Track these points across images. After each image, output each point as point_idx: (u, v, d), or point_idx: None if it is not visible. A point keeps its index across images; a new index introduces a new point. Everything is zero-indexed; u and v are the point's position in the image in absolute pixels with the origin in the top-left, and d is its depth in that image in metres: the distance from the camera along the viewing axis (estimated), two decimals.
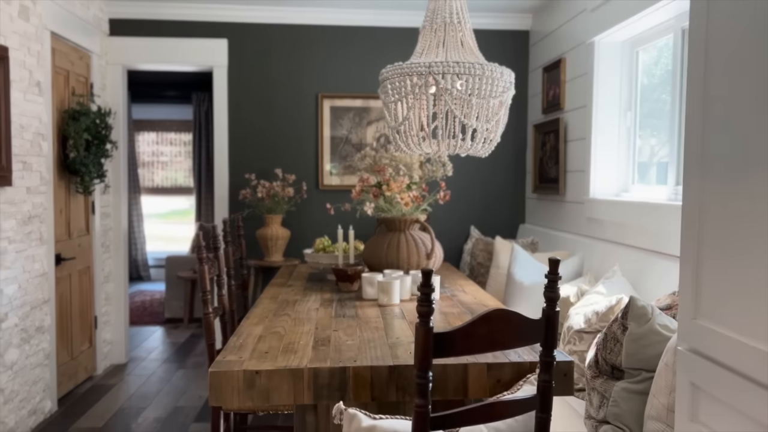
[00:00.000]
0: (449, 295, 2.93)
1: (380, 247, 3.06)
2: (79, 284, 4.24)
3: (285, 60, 4.78)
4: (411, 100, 2.78)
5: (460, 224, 4.97)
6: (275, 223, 4.48)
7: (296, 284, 3.23)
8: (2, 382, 3.17)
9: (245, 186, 4.67)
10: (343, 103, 4.79)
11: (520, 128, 4.98)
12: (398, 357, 1.92)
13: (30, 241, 3.47)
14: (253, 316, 2.51)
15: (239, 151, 4.78)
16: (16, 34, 3.31)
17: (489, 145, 2.91)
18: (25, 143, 3.42)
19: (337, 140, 4.80)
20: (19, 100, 3.34)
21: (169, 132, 9.11)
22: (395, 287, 2.67)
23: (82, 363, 4.29)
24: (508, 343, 1.57)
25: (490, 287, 4.02)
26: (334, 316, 2.48)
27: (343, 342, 2.09)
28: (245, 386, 1.82)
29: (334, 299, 2.82)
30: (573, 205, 4.02)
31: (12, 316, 3.27)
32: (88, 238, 4.38)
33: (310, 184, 4.79)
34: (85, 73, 4.31)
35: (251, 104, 4.78)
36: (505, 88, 2.84)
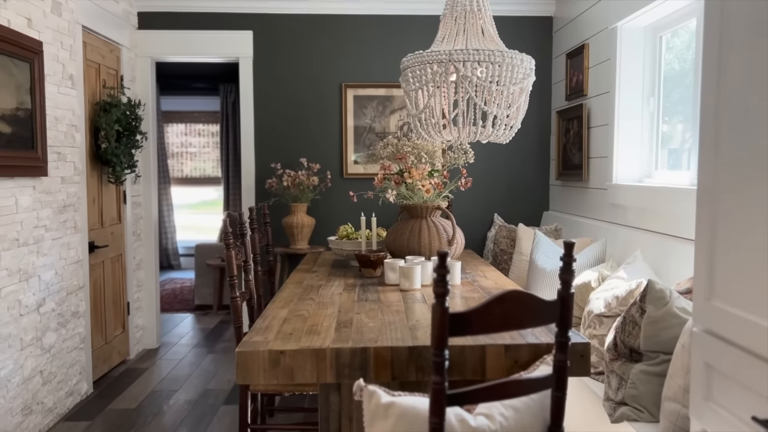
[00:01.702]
0: (470, 280, 2.97)
1: (402, 234, 3.11)
2: (112, 271, 4.38)
3: (309, 50, 4.84)
4: (432, 88, 2.82)
5: (484, 212, 5.00)
6: (300, 211, 4.56)
7: (321, 270, 3.31)
8: (41, 365, 3.31)
9: (271, 175, 4.75)
10: (366, 93, 4.84)
11: (543, 115, 4.97)
12: (418, 338, 1.97)
13: (65, 229, 3.60)
14: (278, 299, 2.58)
15: (265, 141, 4.87)
16: (50, 29, 3.42)
17: (510, 132, 2.94)
18: (59, 135, 3.54)
19: (360, 129, 4.86)
20: (53, 93, 3.46)
21: (197, 123, 9.26)
22: (416, 272, 2.73)
23: (116, 347, 4.44)
24: (523, 323, 1.61)
25: (512, 273, 4.04)
26: (357, 300, 2.54)
27: (365, 324, 2.15)
28: (270, 365, 1.90)
29: (357, 284, 2.88)
30: (596, 191, 4.02)
31: (49, 301, 3.40)
32: (120, 226, 4.51)
33: (335, 172, 4.86)
34: (115, 65, 4.43)
35: (276, 94, 4.86)
36: (525, 74, 2.86)
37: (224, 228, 2.61)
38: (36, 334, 3.26)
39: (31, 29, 3.22)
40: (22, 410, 3.12)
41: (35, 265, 3.26)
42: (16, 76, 3.03)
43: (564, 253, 1.68)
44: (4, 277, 2.97)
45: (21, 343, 3.12)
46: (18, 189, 3.10)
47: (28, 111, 3.15)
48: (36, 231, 3.27)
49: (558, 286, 1.67)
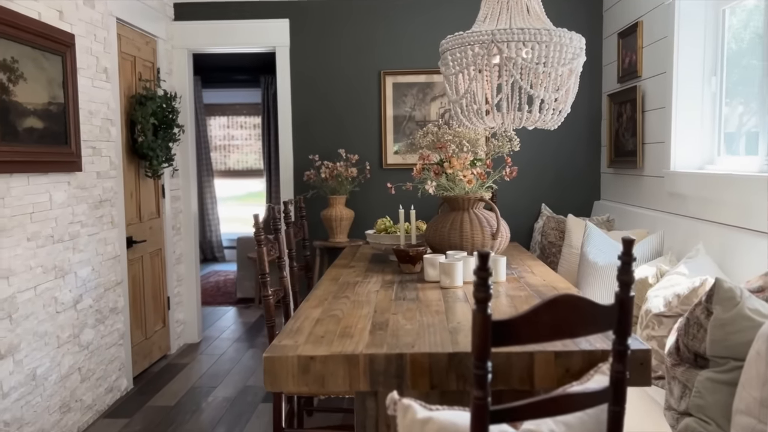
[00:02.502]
0: (516, 276, 2.79)
1: (443, 227, 2.94)
2: (151, 266, 4.34)
3: (346, 38, 4.69)
4: (473, 72, 2.64)
5: (530, 202, 4.78)
6: (339, 203, 4.43)
7: (358, 265, 3.17)
8: (79, 361, 3.28)
9: (309, 167, 4.64)
10: (405, 80, 4.67)
11: (593, 99, 4.71)
12: (458, 343, 1.81)
13: (102, 224, 3.56)
14: (312, 298, 2.46)
15: (303, 133, 4.75)
16: (83, 22, 3.37)
17: (558, 117, 2.73)
18: (94, 129, 3.49)
19: (400, 118, 4.69)
20: (86, 86, 3.41)
21: (239, 115, 9.25)
22: (458, 269, 2.56)
23: (156, 342, 4.41)
24: (576, 331, 1.43)
25: (562, 267, 3.83)
26: (394, 298, 2.40)
27: (402, 326, 2.00)
28: (300, 371, 1.77)
29: (395, 281, 2.74)
30: (652, 179, 3.77)
31: (86, 297, 3.37)
32: (158, 220, 4.48)
33: (374, 163, 4.71)
34: (151, 58, 4.37)
35: (313, 84, 4.73)
36: (575, 54, 2.64)
37: (255, 224, 2.50)
38: (73, 331, 3.23)
39: (62, 22, 3.17)
40: (60, 408, 3.09)
41: (71, 261, 3.22)
42: (48, 70, 2.98)
43: (623, 251, 1.49)
44: (39, 275, 2.94)
45: (58, 341, 3.08)
46: (52, 185, 3.06)
47: (61, 105, 3.10)
48: (71, 227, 3.23)
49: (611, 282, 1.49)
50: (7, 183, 2.71)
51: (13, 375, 2.72)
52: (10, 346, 2.71)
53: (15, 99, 2.72)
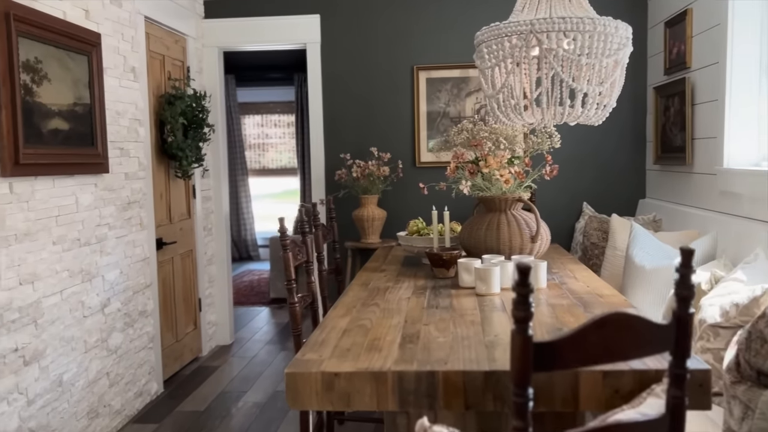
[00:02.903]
0: (558, 282, 2.62)
1: (478, 230, 2.79)
2: (182, 267, 4.29)
3: (378, 33, 4.56)
4: (510, 65, 2.48)
5: (571, 201, 4.58)
6: (371, 203, 4.31)
7: (390, 269, 3.04)
8: (107, 366, 3.23)
9: (341, 166, 4.53)
10: (439, 75, 4.52)
11: (638, 92, 4.48)
12: (495, 360, 1.67)
13: (130, 226, 3.50)
14: (340, 305, 2.34)
15: (334, 131, 4.64)
16: (109, 21, 3.31)
17: (602, 112, 2.55)
18: (121, 130, 3.43)
19: (434, 114, 4.54)
20: (114, 86, 3.35)
21: (273, 114, 9.21)
22: (494, 275, 2.41)
23: (188, 345, 4.36)
24: (629, 353, 1.28)
25: (605, 270, 3.64)
26: (426, 306, 2.26)
27: (434, 339, 1.86)
28: (323, 389, 1.65)
29: (428, 287, 2.60)
30: (702, 176, 3.54)
31: (114, 301, 3.32)
32: (189, 221, 4.42)
33: (407, 162, 4.57)
34: (181, 56, 4.31)
35: (344, 81, 4.62)
36: (621, 44, 2.46)
37: (281, 227, 2.39)
38: (101, 336, 3.18)
39: (88, 21, 3.11)
40: (87, 413, 3.04)
41: (98, 264, 3.17)
42: (73, 70, 2.92)
43: (681, 263, 1.32)
44: (65, 279, 2.89)
45: (85, 346, 3.03)
46: (78, 187, 3.01)
47: (87, 106, 3.04)
48: (99, 230, 3.18)
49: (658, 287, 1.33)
50: (32, 186, 2.65)
51: (38, 381, 2.68)
52: (36, 352, 2.66)
53: (39, 100, 2.67)
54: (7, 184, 2.50)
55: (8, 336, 2.50)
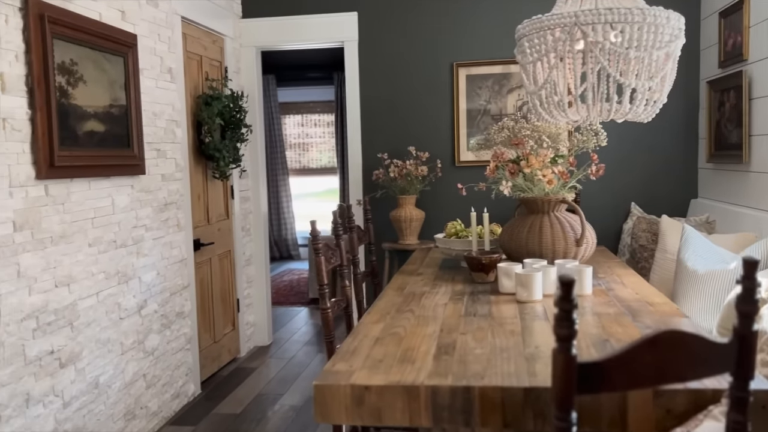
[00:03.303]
0: (604, 288, 2.48)
1: (520, 232, 2.67)
2: (220, 268, 4.28)
3: (416, 29, 4.46)
4: (553, 59, 2.35)
5: (618, 200, 4.39)
6: (409, 204, 4.22)
7: (427, 272, 2.94)
8: (144, 368, 3.23)
9: (378, 166, 4.45)
10: (480, 71, 4.39)
11: (690, 86, 4.27)
12: (536, 374, 1.56)
13: (167, 228, 3.50)
14: (374, 311, 2.26)
15: (372, 130, 4.57)
16: (145, 21, 3.30)
17: (652, 108, 2.41)
18: (158, 131, 3.43)
19: (474, 112, 4.42)
20: (150, 87, 3.35)
21: (313, 113, 9.20)
22: (536, 281, 2.29)
23: (226, 346, 4.35)
24: (684, 374, 1.16)
25: (655, 274, 3.46)
26: (464, 314, 2.16)
27: (471, 350, 1.76)
28: (353, 403, 1.57)
29: (466, 292, 2.49)
30: (760, 175, 3.33)
31: (151, 302, 3.31)
32: (227, 222, 4.41)
33: (446, 161, 4.46)
34: (218, 57, 4.30)
35: (383, 79, 4.53)
36: (673, 36, 2.31)
37: (313, 231, 2.33)
38: (137, 337, 3.17)
39: (124, 22, 3.11)
40: (124, 415, 3.04)
41: (135, 266, 3.16)
42: (109, 72, 2.92)
43: (743, 275, 1.19)
44: (101, 281, 2.88)
45: (121, 347, 3.03)
46: (114, 189, 3.01)
47: (123, 107, 3.03)
48: (135, 231, 3.17)
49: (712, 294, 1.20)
50: (67, 188, 2.65)
51: (74, 384, 2.68)
52: (72, 355, 2.66)
53: (74, 102, 2.66)
54: (42, 187, 2.50)
55: (44, 338, 2.50)
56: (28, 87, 2.42)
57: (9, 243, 2.32)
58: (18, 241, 2.36)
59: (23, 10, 2.40)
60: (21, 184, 2.39)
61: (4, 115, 2.31)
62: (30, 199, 2.43)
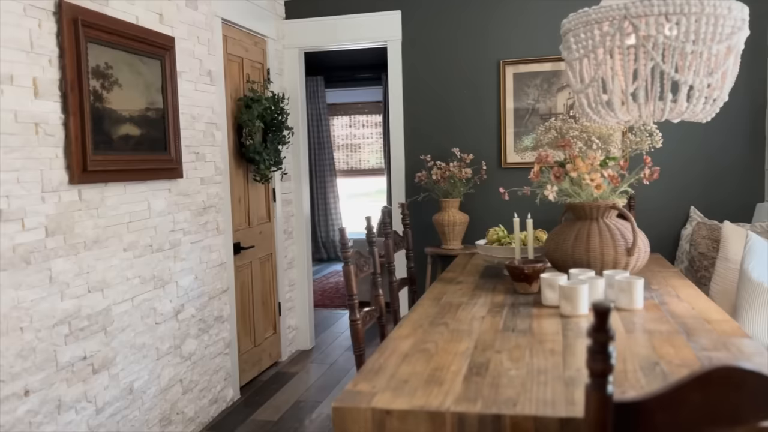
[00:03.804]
0: (657, 302, 2.30)
1: (566, 240, 2.51)
2: (261, 272, 4.24)
3: (462, 26, 4.32)
4: (601, 55, 2.18)
5: (676, 204, 4.14)
6: (452, 207, 4.08)
7: (467, 281, 2.81)
8: (180, 373, 3.20)
9: (421, 168, 4.32)
10: (528, 69, 4.21)
11: (754, 82, 3.98)
12: (574, 403, 1.41)
13: (206, 231, 3.47)
14: (406, 323, 2.14)
15: (415, 131, 4.44)
16: (184, 24, 3.28)
17: (711, 107, 2.21)
18: (197, 134, 3.40)
19: (521, 112, 4.24)
20: (189, 90, 3.32)
21: (361, 114, 9.14)
22: (581, 294, 2.13)
23: (267, 350, 4.31)
24: (742, 417, 1.00)
25: (716, 285, 3.22)
26: (502, 329, 2.02)
27: (505, 371, 1.63)
28: (374, 427, 1.46)
29: (506, 304, 2.35)
30: None
31: (189, 307, 3.29)
32: (269, 225, 4.37)
33: (492, 162, 4.30)
34: (260, 59, 4.26)
35: (426, 79, 4.41)
36: (735, 28, 2.11)
37: (342, 239, 2.23)
38: (174, 342, 3.15)
39: (162, 25, 3.09)
40: (159, 421, 3.02)
41: (172, 270, 3.14)
42: (145, 75, 2.90)
43: None
44: (136, 285, 2.87)
45: (157, 353, 3.01)
46: (151, 193, 2.99)
47: (160, 111, 3.01)
48: (172, 235, 3.15)
49: None
50: (101, 192, 2.64)
51: (108, 389, 2.66)
52: (105, 360, 2.65)
53: (109, 106, 2.65)
54: (76, 192, 2.49)
55: (77, 344, 2.49)
56: (61, 91, 2.41)
57: (41, 248, 2.31)
58: (50, 247, 2.35)
59: (57, 15, 2.39)
60: (53, 189, 2.38)
61: (37, 120, 2.31)
62: (63, 204, 2.43)
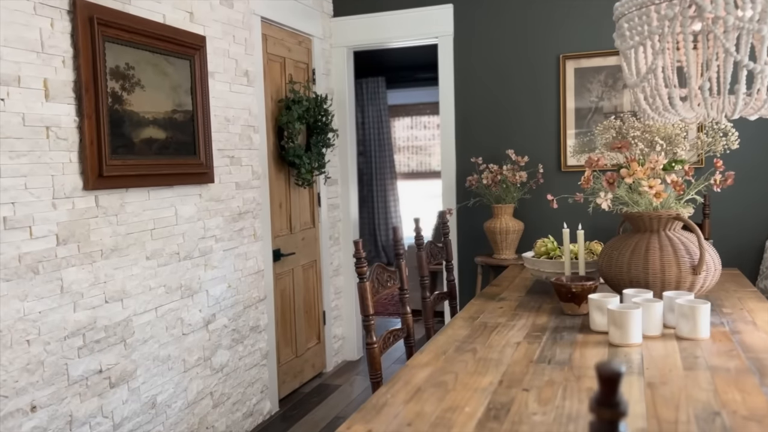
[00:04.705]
0: (728, 330, 1.96)
1: (621, 255, 2.20)
2: (303, 279, 4.09)
3: (517, 19, 4.01)
4: (659, 43, 1.87)
5: (758, 212, 3.69)
6: (505, 213, 3.79)
7: (510, 297, 2.54)
8: (211, 386, 3.08)
9: (472, 171, 4.05)
10: (590, 63, 3.86)
11: None
12: None
13: (241, 238, 3.34)
14: (429, 348, 1.91)
15: (466, 132, 4.17)
16: (218, 23, 3.16)
17: None
18: (232, 137, 3.27)
19: (583, 111, 3.90)
20: (223, 92, 3.20)
21: (422, 115, 8.90)
22: (633, 320, 1.83)
23: (309, 360, 4.15)
24: None
25: None
26: (536, 359, 1.75)
27: (527, 417, 1.37)
28: None
29: (548, 327, 2.07)
30: None
31: (221, 317, 3.16)
32: (313, 231, 4.21)
33: (550, 165, 3.97)
34: (304, 58, 4.11)
35: (479, 76, 4.13)
36: None
37: (356, 252, 2.01)
38: (203, 354, 3.02)
39: (193, 23, 2.97)
40: None
41: (201, 279, 3.02)
42: (172, 76, 2.78)
43: None
44: (161, 295, 2.75)
45: (184, 365, 2.89)
46: (179, 198, 2.87)
47: (189, 113, 2.89)
48: (203, 242, 3.03)
49: None
50: (122, 198, 2.53)
51: (127, 404, 2.55)
52: (123, 373, 2.54)
53: (130, 108, 2.54)
54: (92, 198, 2.39)
55: (91, 357, 2.38)
56: (76, 94, 2.31)
57: (51, 257, 2.22)
58: (61, 255, 2.26)
59: (71, 14, 2.29)
60: (66, 196, 2.28)
61: (47, 123, 2.21)
62: (77, 211, 2.33)
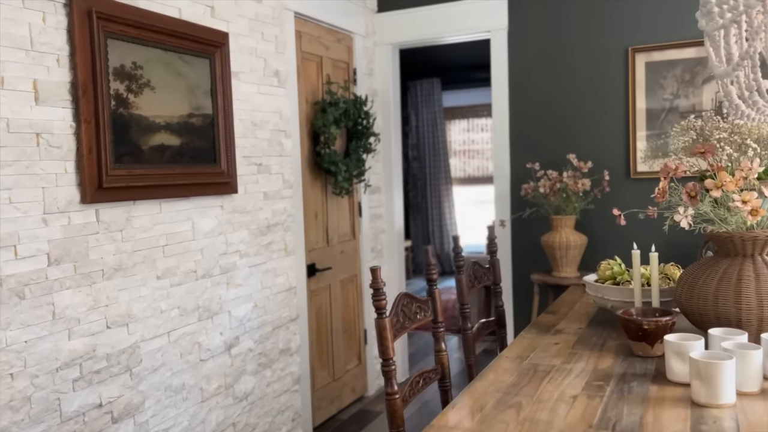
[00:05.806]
0: None
1: (706, 284, 1.78)
2: (342, 296, 3.78)
3: (580, 10, 3.59)
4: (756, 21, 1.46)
5: None
6: (565, 226, 3.37)
7: (568, 329, 2.15)
8: (233, 416, 2.80)
9: (528, 178, 3.64)
10: (664, 56, 3.40)
11: None
12: None
13: (269, 253, 3.06)
14: (462, 400, 1.56)
15: (522, 135, 3.77)
16: (244, 18, 2.90)
17: None
18: (259, 143, 3.00)
19: (656, 110, 3.44)
20: (250, 93, 2.93)
21: (479, 118, 8.49)
22: (725, 373, 1.42)
23: (348, 383, 3.84)
24: None
25: None
26: (597, 424, 1.37)
27: None
28: None
29: (614, 374, 1.68)
30: None
31: (245, 339, 2.88)
32: (353, 243, 3.91)
33: (618, 172, 3.52)
34: (345, 57, 3.81)
35: (536, 73, 3.72)
36: None
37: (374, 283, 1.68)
38: (224, 381, 2.75)
39: (214, 19, 2.71)
40: None
41: (223, 299, 2.75)
42: (187, 76, 2.53)
43: None
44: (174, 318, 2.49)
45: (201, 394, 2.63)
46: (197, 211, 2.61)
47: (208, 117, 2.63)
48: (224, 259, 2.76)
49: None
50: (127, 212, 2.29)
51: None
52: (128, 406, 2.29)
53: (137, 112, 2.29)
54: (91, 212, 2.15)
55: (89, 389, 2.14)
56: (72, 96, 2.08)
57: (40, 279, 1.98)
58: (53, 277, 2.02)
59: (67, 7, 2.06)
60: (60, 210, 2.04)
61: (37, 129, 1.98)
62: (73, 227, 2.09)
